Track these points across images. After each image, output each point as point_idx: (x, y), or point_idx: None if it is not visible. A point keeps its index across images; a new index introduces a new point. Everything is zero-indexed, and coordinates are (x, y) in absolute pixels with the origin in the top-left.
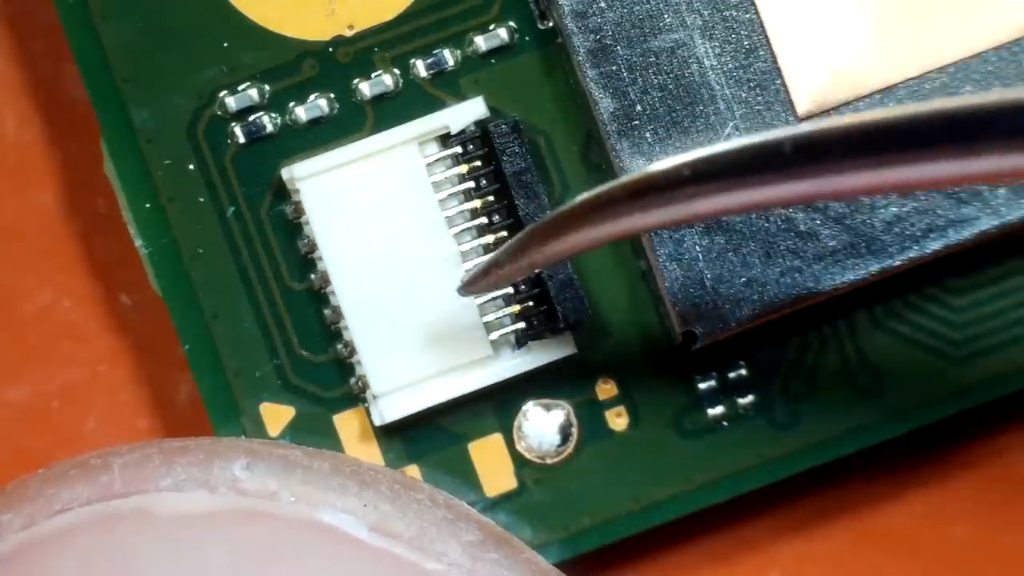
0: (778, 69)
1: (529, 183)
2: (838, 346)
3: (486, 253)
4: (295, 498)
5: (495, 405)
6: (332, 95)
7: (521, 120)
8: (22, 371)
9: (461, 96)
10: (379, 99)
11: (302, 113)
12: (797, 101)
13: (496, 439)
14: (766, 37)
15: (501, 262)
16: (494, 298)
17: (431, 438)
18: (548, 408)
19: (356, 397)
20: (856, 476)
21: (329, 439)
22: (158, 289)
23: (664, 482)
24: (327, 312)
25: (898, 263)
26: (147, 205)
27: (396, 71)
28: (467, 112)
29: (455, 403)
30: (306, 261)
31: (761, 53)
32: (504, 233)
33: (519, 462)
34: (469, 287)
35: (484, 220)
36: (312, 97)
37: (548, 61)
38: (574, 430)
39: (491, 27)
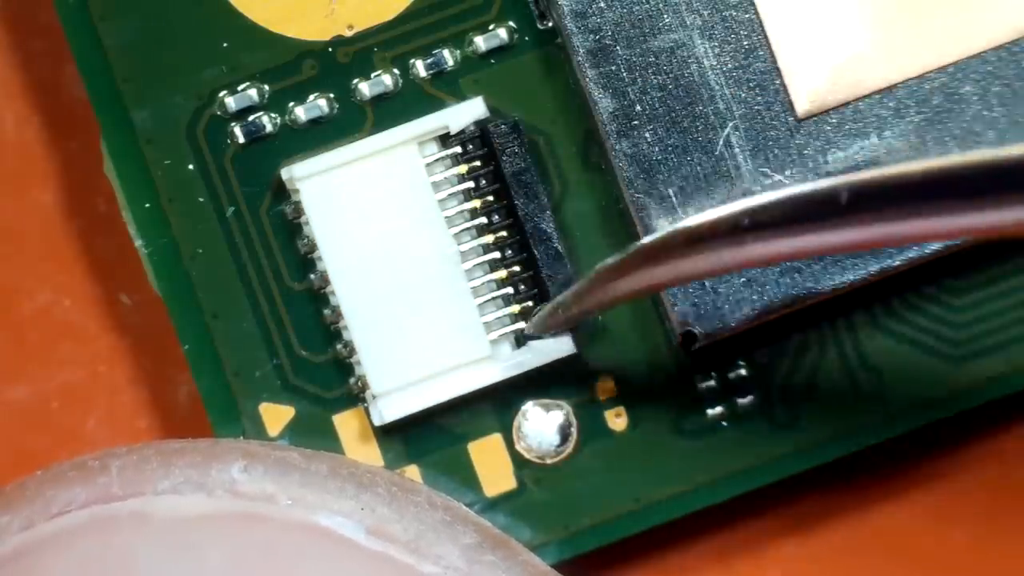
0: (777, 69)
1: (529, 183)
2: (838, 346)
3: (485, 253)
4: (292, 501)
5: (494, 405)
6: (332, 95)
7: (521, 120)
8: (22, 371)
9: (461, 96)
10: (379, 99)
11: (302, 113)
12: (796, 101)
13: (495, 439)
14: (765, 37)
15: (566, 304)
16: (494, 298)
17: (430, 438)
18: (548, 408)
19: (356, 397)
20: (856, 476)
21: (329, 439)
22: (158, 289)
23: (664, 482)
24: (327, 312)
25: (898, 263)
26: (147, 205)
27: (396, 71)
28: (467, 112)
29: (454, 403)
30: (306, 261)
31: (760, 53)
32: (504, 233)
33: (518, 462)
34: (537, 328)
35: (484, 220)
36: (312, 97)
37: (548, 61)
38: (574, 430)
39: (491, 27)
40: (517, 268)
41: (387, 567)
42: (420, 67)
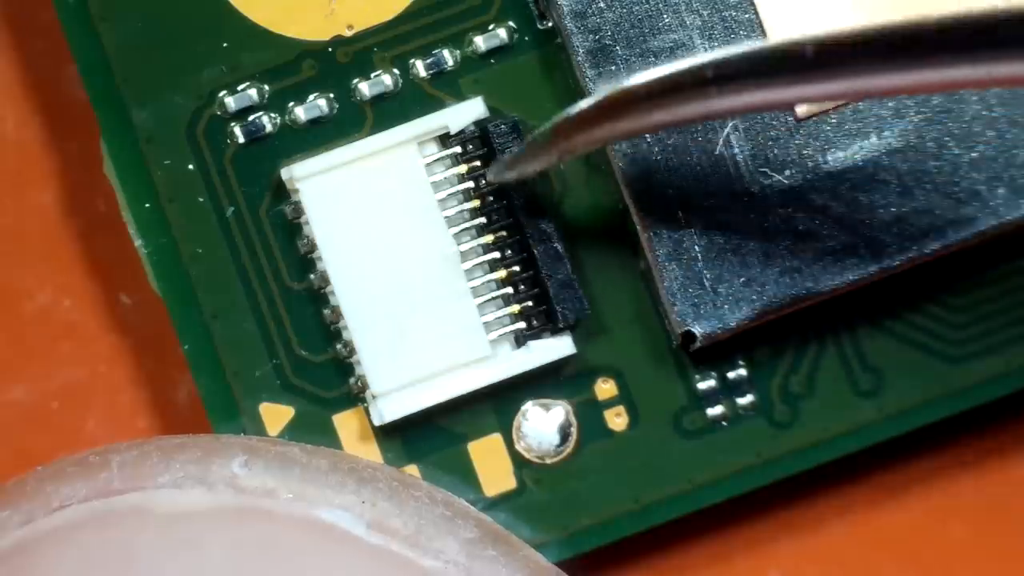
0: None
1: (529, 183)
2: (838, 346)
3: (485, 253)
4: (293, 495)
5: (494, 405)
6: (332, 95)
7: (521, 120)
8: (22, 371)
9: (460, 96)
10: (379, 99)
11: (302, 113)
12: None
13: (495, 439)
14: (765, 37)
15: (527, 152)
16: (493, 298)
17: (430, 438)
18: (547, 408)
19: (355, 397)
20: (856, 476)
21: (329, 439)
22: (158, 289)
23: (664, 482)
24: (326, 312)
25: (898, 263)
26: (147, 205)
27: (395, 71)
28: (466, 112)
29: (454, 403)
30: (305, 261)
31: None
32: (504, 233)
33: (518, 462)
34: (495, 174)
35: (483, 220)
36: (312, 97)
37: (548, 61)
38: (573, 430)
39: (490, 27)
40: (517, 268)
41: (388, 561)
42: (420, 67)
